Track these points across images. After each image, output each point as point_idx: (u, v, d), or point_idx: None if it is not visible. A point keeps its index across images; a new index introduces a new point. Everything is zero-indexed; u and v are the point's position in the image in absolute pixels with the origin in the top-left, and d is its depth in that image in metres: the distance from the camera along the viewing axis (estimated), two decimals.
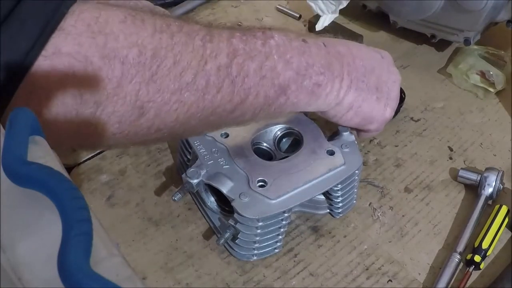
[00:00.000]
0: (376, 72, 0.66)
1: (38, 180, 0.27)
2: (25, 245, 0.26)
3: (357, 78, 0.64)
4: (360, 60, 0.65)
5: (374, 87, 0.66)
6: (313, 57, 0.59)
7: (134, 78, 0.46)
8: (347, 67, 0.63)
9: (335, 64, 0.61)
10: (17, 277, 0.25)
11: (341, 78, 0.62)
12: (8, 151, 0.28)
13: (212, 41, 0.52)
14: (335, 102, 0.63)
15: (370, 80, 0.65)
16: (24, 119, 0.30)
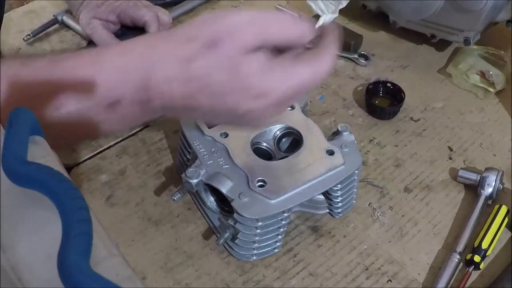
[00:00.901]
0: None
1: (38, 180, 0.27)
2: (25, 245, 0.26)
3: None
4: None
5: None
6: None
7: None
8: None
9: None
10: (17, 277, 0.25)
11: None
12: (8, 151, 0.28)
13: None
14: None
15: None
16: (24, 119, 0.30)
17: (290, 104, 0.55)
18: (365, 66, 0.93)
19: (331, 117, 0.83)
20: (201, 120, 0.61)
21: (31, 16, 1.04)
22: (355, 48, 0.94)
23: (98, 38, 0.86)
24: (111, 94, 0.50)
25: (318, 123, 0.69)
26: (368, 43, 0.96)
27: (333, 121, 0.82)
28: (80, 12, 0.90)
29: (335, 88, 0.89)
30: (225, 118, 0.53)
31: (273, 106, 0.51)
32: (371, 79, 0.89)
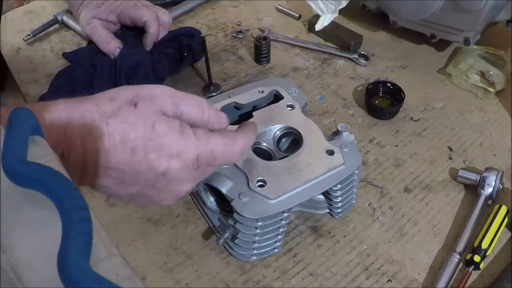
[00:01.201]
0: (136, 188, 0.51)
1: (38, 180, 0.27)
2: (25, 245, 0.26)
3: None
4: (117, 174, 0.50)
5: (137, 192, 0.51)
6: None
7: None
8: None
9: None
10: (17, 277, 0.25)
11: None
12: (8, 151, 0.28)
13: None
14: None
15: (125, 190, 0.51)
16: (24, 119, 0.30)
17: (205, 174, 0.54)
18: (365, 66, 0.93)
19: (331, 117, 0.83)
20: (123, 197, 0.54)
21: (31, 16, 1.04)
22: (355, 48, 0.94)
23: (98, 38, 0.86)
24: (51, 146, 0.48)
25: (318, 123, 0.69)
26: (368, 43, 0.96)
27: (333, 121, 0.83)
28: (80, 12, 0.90)
29: (335, 88, 0.89)
30: (145, 181, 0.50)
31: (188, 170, 0.50)
32: (371, 79, 0.89)
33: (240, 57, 0.95)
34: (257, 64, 0.93)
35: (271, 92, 0.73)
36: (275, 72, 0.92)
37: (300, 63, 0.94)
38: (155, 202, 0.53)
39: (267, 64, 0.93)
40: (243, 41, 0.98)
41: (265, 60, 0.93)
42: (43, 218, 0.27)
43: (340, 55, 0.94)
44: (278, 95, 0.72)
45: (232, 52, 0.96)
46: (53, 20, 0.99)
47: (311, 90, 0.88)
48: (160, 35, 0.88)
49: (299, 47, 0.97)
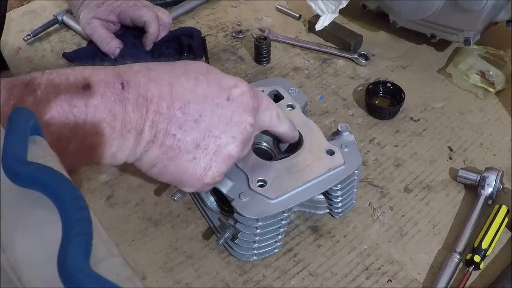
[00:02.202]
0: (204, 123, 0.52)
1: (38, 180, 0.27)
2: (25, 245, 0.26)
3: (165, 132, 0.51)
4: (181, 105, 0.51)
5: (193, 144, 0.52)
6: (87, 111, 0.47)
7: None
8: (152, 115, 0.50)
9: (131, 114, 0.49)
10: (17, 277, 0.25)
11: (139, 131, 0.50)
12: (8, 151, 0.28)
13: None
14: (132, 159, 0.53)
15: (188, 134, 0.52)
16: (24, 119, 0.30)
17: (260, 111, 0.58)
18: (365, 66, 0.93)
19: (331, 117, 0.83)
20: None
21: (31, 16, 1.04)
22: (355, 48, 0.94)
23: (98, 38, 0.86)
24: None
25: (318, 123, 0.69)
26: (368, 43, 0.96)
27: (333, 121, 0.83)
28: (80, 12, 0.90)
29: (335, 88, 0.89)
30: (213, 107, 0.54)
31: (247, 96, 0.56)
32: (371, 79, 0.89)
33: (240, 57, 0.95)
34: (257, 64, 0.93)
35: (271, 92, 0.73)
36: (275, 72, 0.92)
37: (300, 63, 0.94)
38: (222, 146, 0.54)
39: (267, 64, 0.93)
40: (243, 41, 0.98)
41: (265, 60, 0.93)
42: (43, 218, 0.27)
43: (340, 55, 0.94)
44: (278, 95, 0.72)
45: (232, 52, 0.96)
46: (53, 20, 0.99)
47: (311, 90, 0.88)
48: (160, 35, 0.88)
49: (299, 47, 0.97)
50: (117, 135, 0.49)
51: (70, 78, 0.48)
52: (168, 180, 0.56)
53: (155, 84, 0.51)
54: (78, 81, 0.48)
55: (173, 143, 0.52)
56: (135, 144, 0.51)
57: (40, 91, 0.46)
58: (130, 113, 0.49)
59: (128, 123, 0.49)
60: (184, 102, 0.52)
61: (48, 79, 0.47)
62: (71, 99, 0.47)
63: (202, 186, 0.56)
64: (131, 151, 0.51)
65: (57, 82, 0.47)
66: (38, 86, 0.46)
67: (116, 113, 0.49)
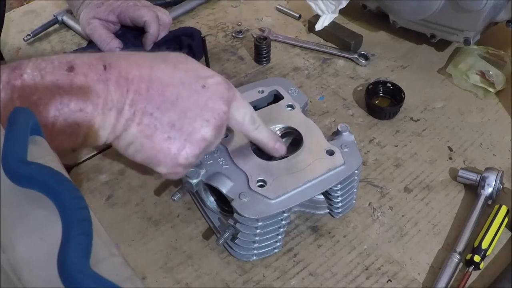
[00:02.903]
0: (180, 106, 0.55)
1: (38, 180, 0.27)
2: (25, 245, 0.26)
3: (143, 111, 0.54)
4: (159, 87, 0.55)
5: (169, 123, 0.55)
6: (72, 91, 0.50)
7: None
8: (132, 95, 0.54)
9: (113, 93, 0.52)
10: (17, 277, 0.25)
11: (119, 109, 0.53)
12: (8, 151, 0.28)
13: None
14: (112, 137, 0.55)
15: (165, 114, 0.55)
16: (24, 119, 0.30)
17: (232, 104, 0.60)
18: (365, 66, 0.93)
19: (331, 117, 0.83)
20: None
21: (31, 16, 1.04)
22: (355, 48, 0.94)
23: (98, 38, 0.86)
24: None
25: (318, 123, 0.69)
26: (368, 43, 0.96)
27: (333, 121, 0.83)
28: (80, 12, 0.90)
29: (335, 88, 0.89)
30: (189, 91, 0.57)
31: (222, 87, 0.58)
32: (371, 79, 0.89)
33: (240, 57, 0.95)
34: (257, 64, 0.93)
35: (271, 92, 0.73)
36: (275, 72, 0.92)
37: (300, 63, 0.94)
38: (196, 128, 0.56)
39: (267, 64, 0.93)
40: (243, 41, 0.98)
41: (265, 60, 0.93)
42: (43, 218, 0.27)
43: (340, 55, 0.94)
44: (278, 95, 0.72)
45: (232, 52, 0.96)
46: (53, 20, 0.99)
47: (311, 90, 0.88)
48: (160, 35, 0.88)
49: (299, 47, 0.97)
50: (99, 112, 0.52)
51: (54, 62, 0.51)
52: (143, 158, 0.57)
53: (136, 67, 0.55)
54: (62, 64, 0.51)
55: (150, 122, 0.55)
56: (116, 122, 0.54)
57: (27, 75, 0.49)
58: (112, 92, 0.52)
59: (109, 101, 0.52)
60: (162, 85, 0.55)
61: (34, 64, 0.50)
62: (56, 80, 0.50)
63: (175, 167, 0.57)
64: (112, 129, 0.54)
65: (42, 66, 0.50)
66: (25, 70, 0.49)
67: (99, 92, 0.52)
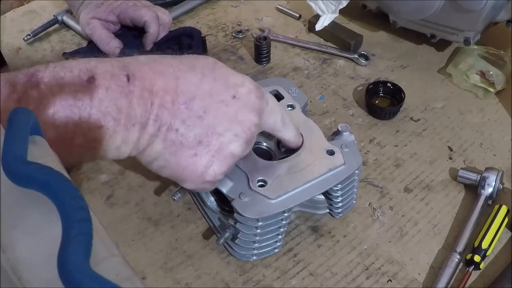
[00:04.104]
0: (207, 120, 0.52)
1: (38, 180, 0.27)
2: (25, 245, 0.26)
3: (168, 126, 0.51)
4: (186, 100, 0.51)
5: (196, 140, 0.52)
6: (92, 104, 0.47)
7: None
8: (157, 110, 0.50)
9: (136, 108, 0.49)
10: (17, 277, 0.25)
11: (143, 125, 0.50)
12: (8, 151, 0.28)
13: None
14: (135, 152, 0.52)
15: (191, 130, 0.51)
16: (24, 119, 0.30)
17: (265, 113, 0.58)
18: (365, 66, 0.93)
19: (331, 117, 0.83)
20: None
21: (31, 16, 1.04)
22: (355, 48, 0.94)
23: (97, 38, 0.86)
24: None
25: (318, 123, 0.69)
26: (368, 43, 0.96)
27: (333, 121, 0.83)
28: (80, 12, 0.90)
29: (335, 88, 0.89)
30: (218, 104, 0.53)
31: (254, 96, 0.55)
32: (371, 79, 0.89)
33: (240, 57, 0.95)
34: (257, 64, 0.93)
35: (271, 92, 0.72)
36: (275, 72, 0.92)
37: (300, 63, 0.94)
38: (224, 143, 0.53)
39: (267, 64, 0.93)
40: (243, 41, 0.98)
41: (265, 60, 0.93)
42: (43, 218, 0.27)
43: (340, 55, 0.94)
44: (278, 95, 0.72)
45: (232, 52, 0.96)
46: (53, 20, 0.99)
47: (311, 90, 0.88)
48: (160, 35, 0.88)
49: (299, 47, 0.97)
50: (121, 128, 0.49)
51: (74, 71, 0.47)
52: (168, 175, 0.55)
53: (160, 77, 0.51)
54: (82, 74, 0.47)
55: (175, 138, 0.51)
56: (139, 138, 0.50)
57: (44, 85, 0.46)
58: (135, 106, 0.49)
59: (132, 116, 0.49)
60: (189, 97, 0.51)
61: (51, 72, 0.47)
62: (75, 92, 0.46)
63: (202, 184, 0.55)
64: (135, 145, 0.51)
65: (61, 76, 0.47)
66: (42, 80, 0.46)
67: (121, 107, 0.48)
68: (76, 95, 0.46)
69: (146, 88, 0.50)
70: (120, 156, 0.52)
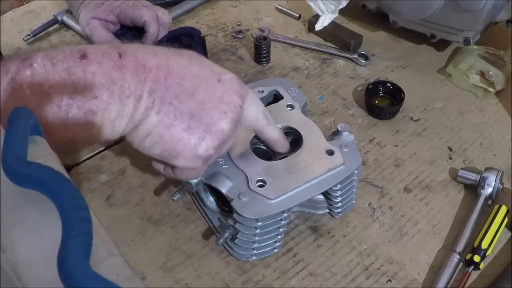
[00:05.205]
0: (198, 96, 0.55)
1: (38, 180, 0.27)
2: (25, 245, 0.26)
3: (163, 99, 0.52)
4: (178, 77, 0.54)
5: (188, 113, 0.54)
6: (86, 77, 0.49)
7: None
8: (151, 83, 0.52)
9: (130, 80, 0.50)
10: (17, 277, 0.25)
11: (137, 97, 0.51)
12: (8, 151, 0.28)
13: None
14: (130, 127, 0.53)
15: (184, 104, 0.54)
16: (24, 119, 0.30)
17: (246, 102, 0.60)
18: (365, 66, 0.93)
19: (331, 117, 0.83)
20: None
21: (31, 16, 1.04)
22: (355, 48, 0.94)
23: (97, 38, 0.86)
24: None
25: (318, 123, 0.69)
26: (368, 43, 0.96)
27: (333, 121, 0.83)
28: (79, 12, 0.90)
29: (335, 88, 0.89)
30: (206, 85, 0.56)
31: (236, 83, 0.58)
32: (371, 79, 0.89)
33: (240, 57, 0.95)
34: (257, 64, 0.93)
35: (271, 92, 0.73)
36: (275, 72, 0.92)
37: (300, 63, 0.94)
38: (215, 119, 0.55)
39: (267, 64, 0.93)
40: (243, 41, 0.98)
41: (265, 60, 0.93)
42: (43, 218, 0.27)
43: (340, 55, 0.94)
44: (278, 95, 0.72)
45: (232, 52, 0.96)
46: (53, 20, 0.99)
47: (311, 90, 0.88)
48: (160, 35, 0.88)
49: (299, 47, 0.97)
50: (115, 99, 0.50)
51: (66, 51, 0.49)
52: (161, 151, 0.55)
53: (152, 56, 0.53)
54: (74, 52, 0.49)
55: (169, 111, 0.53)
56: (134, 110, 0.52)
57: (37, 64, 0.47)
58: (129, 79, 0.50)
59: (126, 88, 0.50)
60: (180, 75, 0.54)
61: (44, 53, 0.49)
62: (68, 67, 0.48)
63: (193, 159, 0.56)
64: (130, 118, 0.52)
65: (53, 55, 0.49)
66: (35, 60, 0.48)
67: (114, 78, 0.50)
68: (69, 70, 0.48)
69: (139, 62, 0.52)
70: (115, 132, 0.53)
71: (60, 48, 0.50)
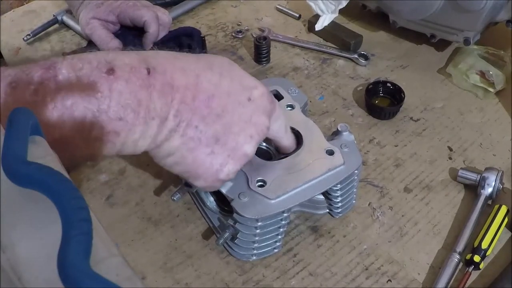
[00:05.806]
0: (225, 119, 0.53)
1: (38, 180, 0.27)
2: (25, 245, 0.26)
3: (189, 122, 0.51)
4: (206, 97, 0.51)
5: (214, 137, 0.52)
6: (111, 96, 0.46)
7: None
8: (177, 105, 0.50)
9: (156, 101, 0.48)
10: (17, 277, 0.25)
11: (163, 119, 0.49)
12: (8, 151, 0.28)
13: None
14: (152, 147, 0.52)
15: (210, 127, 0.52)
16: (24, 119, 0.30)
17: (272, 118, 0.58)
18: (365, 66, 0.93)
19: (331, 117, 0.83)
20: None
21: (31, 16, 1.04)
22: (355, 48, 0.94)
23: (97, 38, 0.86)
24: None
25: (318, 123, 0.69)
26: (368, 43, 0.96)
27: (333, 121, 0.83)
28: (79, 12, 0.90)
29: (335, 88, 0.89)
30: (234, 106, 0.54)
31: (266, 99, 0.56)
32: (371, 79, 0.89)
33: (240, 57, 0.95)
34: (257, 64, 0.93)
35: (271, 92, 0.72)
36: (275, 72, 0.92)
37: (300, 63, 0.94)
38: (240, 143, 0.54)
39: (267, 64, 0.93)
40: (243, 41, 0.98)
41: (265, 60, 0.93)
42: (43, 218, 0.27)
43: (340, 55, 0.94)
44: (278, 95, 0.72)
45: (232, 52, 0.96)
46: (53, 20, 0.99)
47: (311, 90, 0.88)
48: (160, 35, 0.88)
49: (299, 47, 0.97)
50: (140, 121, 0.48)
51: (92, 62, 0.47)
52: (182, 171, 0.55)
53: (181, 74, 0.51)
54: (101, 65, 0.47)
55: (194, 135, 0.51)
56: (158, 132, 0.50)
57: (62, 76, 0.45)
58: (156, 100, 0.48)
59: (152, 109, 0.48)
60: (208, 95, 0.52)
61: (69, 64, 0.46)
62: (94, 83, 0.45)
63: (213, 182, 0.55)
64: (153, 139, 0.50)
65: (79, 67, 0.46)
66: (60, 71, 0.45)
67: (141, 99, 0.47)
68: (95, 86, 0.45)
69: (167, 82, 0.49)
70: (136, 151, 0.51)
71: (87, 57, 0.47)
